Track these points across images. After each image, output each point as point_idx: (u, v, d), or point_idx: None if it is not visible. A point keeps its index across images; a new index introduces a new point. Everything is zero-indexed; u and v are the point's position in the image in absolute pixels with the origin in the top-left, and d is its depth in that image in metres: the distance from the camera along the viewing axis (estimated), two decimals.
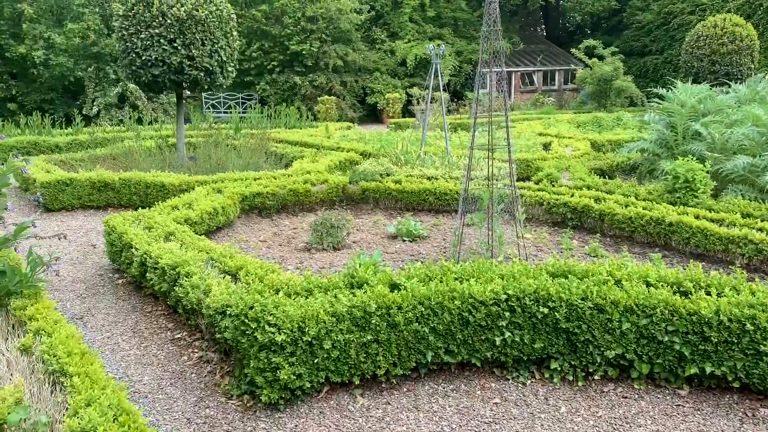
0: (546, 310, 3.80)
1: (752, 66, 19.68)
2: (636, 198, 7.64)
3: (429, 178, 9.46)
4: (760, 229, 6.09)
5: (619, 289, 3.85)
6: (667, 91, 9.74)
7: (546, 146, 13.57)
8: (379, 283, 3.98)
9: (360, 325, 3.68)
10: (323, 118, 22.46)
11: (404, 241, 7.20)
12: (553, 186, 8.65)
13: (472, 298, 3.84)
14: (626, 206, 7.14)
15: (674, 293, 3.86)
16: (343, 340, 3.64)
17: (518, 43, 29.54)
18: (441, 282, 4.07)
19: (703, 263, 6.23)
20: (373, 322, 3.68)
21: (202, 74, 10.40)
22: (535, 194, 8.12)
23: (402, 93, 24.79)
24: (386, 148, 11.57)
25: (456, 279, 4.16)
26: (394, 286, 4.02)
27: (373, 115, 26.19)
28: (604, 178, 10.13)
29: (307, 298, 3.83)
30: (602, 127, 17.77)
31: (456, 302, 3.82)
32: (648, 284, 3.98)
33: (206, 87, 10.89)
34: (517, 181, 10.66)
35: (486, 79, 5.77)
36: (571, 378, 3.90)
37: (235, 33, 11.00)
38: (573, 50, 24.69)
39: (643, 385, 3.81)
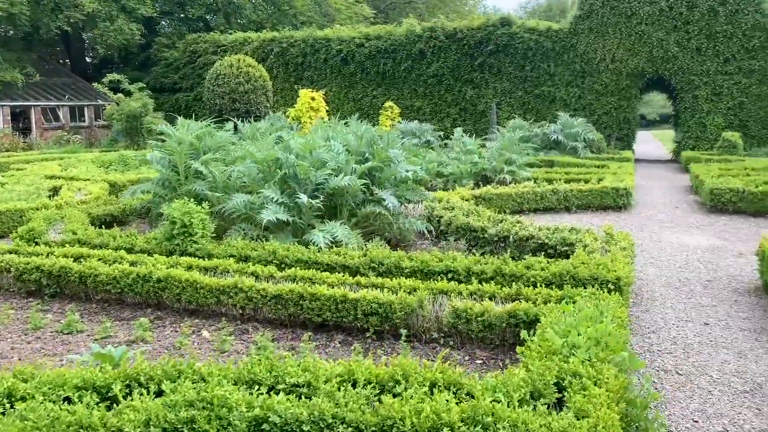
0: None
1: (268, 105, 21.23)
2: (130, 250, 6.59)
3: None
4: (253, 273, 5.69)
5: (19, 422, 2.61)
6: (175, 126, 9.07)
7: (55, 191, 11.59)
8: None
9: None
10: None
11: None
12: (36, 244, 6.98)
13: None
14: (114, 263, 6.01)
15: (104, 404, 2.81)
16: None
17: (34, 74, 25.90)
18: None
19: (198, 319, 5.53)
20: None
21: None
22: (2, 258, 6.31)
23: None
24: None
25: None
26: None
27: None
28: (118, 225, 8.90)
29: None
30: (128, 166, 16.52)
31: None
32: (67, 399, 2.85)
33: None
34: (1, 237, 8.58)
35: None
36: None
37: None
38: (96, 84, 22.82)
39: None
